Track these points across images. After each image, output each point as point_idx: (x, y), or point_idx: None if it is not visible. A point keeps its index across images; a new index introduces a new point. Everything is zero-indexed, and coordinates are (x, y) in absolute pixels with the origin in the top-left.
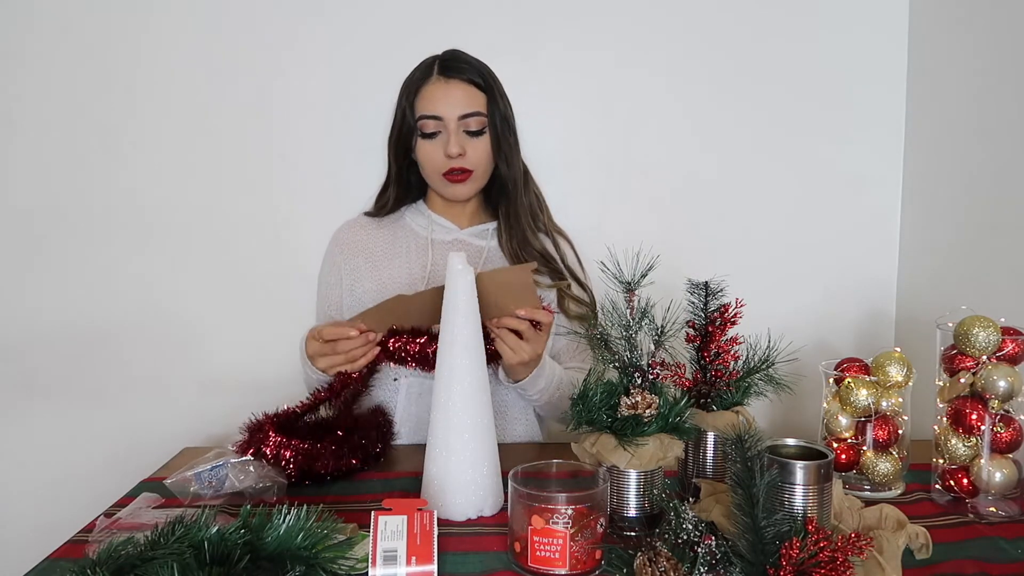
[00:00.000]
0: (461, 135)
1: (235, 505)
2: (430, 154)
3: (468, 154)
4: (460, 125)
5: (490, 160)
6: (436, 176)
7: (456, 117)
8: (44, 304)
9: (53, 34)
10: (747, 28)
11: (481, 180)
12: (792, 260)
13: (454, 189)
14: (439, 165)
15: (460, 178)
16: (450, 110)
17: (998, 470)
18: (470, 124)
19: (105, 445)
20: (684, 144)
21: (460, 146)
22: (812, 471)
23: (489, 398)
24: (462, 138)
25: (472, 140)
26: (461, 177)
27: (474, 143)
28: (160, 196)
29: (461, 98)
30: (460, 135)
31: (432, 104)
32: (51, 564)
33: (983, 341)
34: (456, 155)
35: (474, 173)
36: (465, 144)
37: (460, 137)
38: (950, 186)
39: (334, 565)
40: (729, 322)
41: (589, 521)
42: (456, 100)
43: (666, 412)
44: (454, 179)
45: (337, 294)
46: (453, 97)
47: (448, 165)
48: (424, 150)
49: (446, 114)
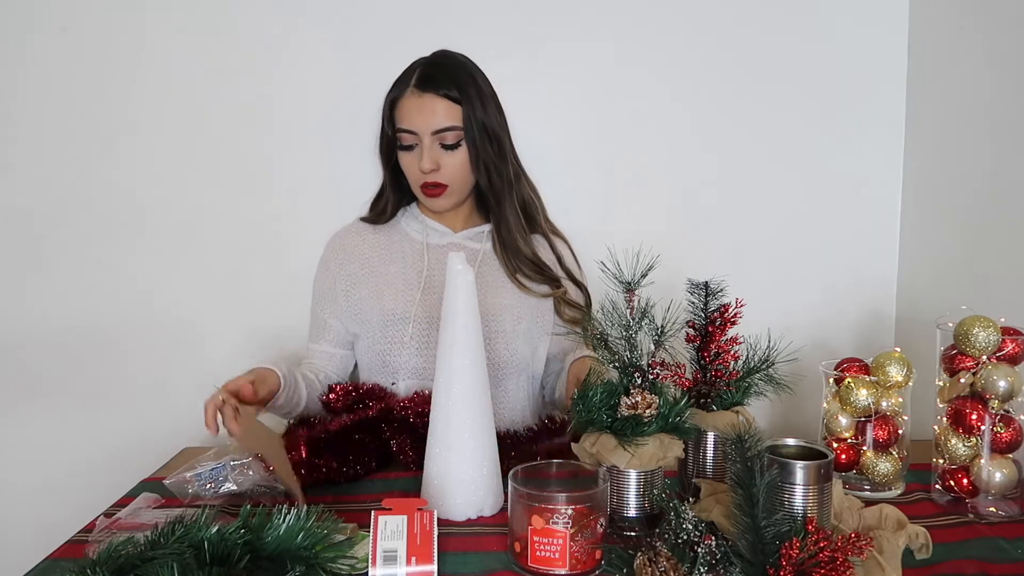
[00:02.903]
0: (435, 149)
1: (235, 505)
2: (409, 166)
3: (443, 169)
4: (434, 140)
5: (467, 173)
6: (416, 188)
7: (430, 132)
8: (44, 304)
9: (53, 34)
10: (747, 29)
11: (459, 193)
12: (792, 260)
13: (432, 202)
14: (416, 177)
15: (435, 192)
16: (424, 125)
17: (998, 470)
18: (446, 138)
19: (105, 445)
20: (684, 144)
21: (433, 161)
22: (812, 471)
23: (489, 398)
24: (436, 152)
25: (447, 154)
26: (436, 192)
27: (449, 157)
28: (160, 196)
29: (434, 112)
30: (434, 149)
31: (407, 118)
32: (51, 564)
33: (983, 341)
34: (429, 170)
35: (449, 188)
36: (440, 158)
37: (434, 151)
38: (950, 186)
39: (334, 565)
40: (729, 322)
41: (589, 521)
42: (429, 115)
43: (666, 412)
44: (429, 193)
45: (331, 301)
46: (427, 111)
47: (422, 179)
48: (404, 161)
49: (420, 128)
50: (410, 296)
